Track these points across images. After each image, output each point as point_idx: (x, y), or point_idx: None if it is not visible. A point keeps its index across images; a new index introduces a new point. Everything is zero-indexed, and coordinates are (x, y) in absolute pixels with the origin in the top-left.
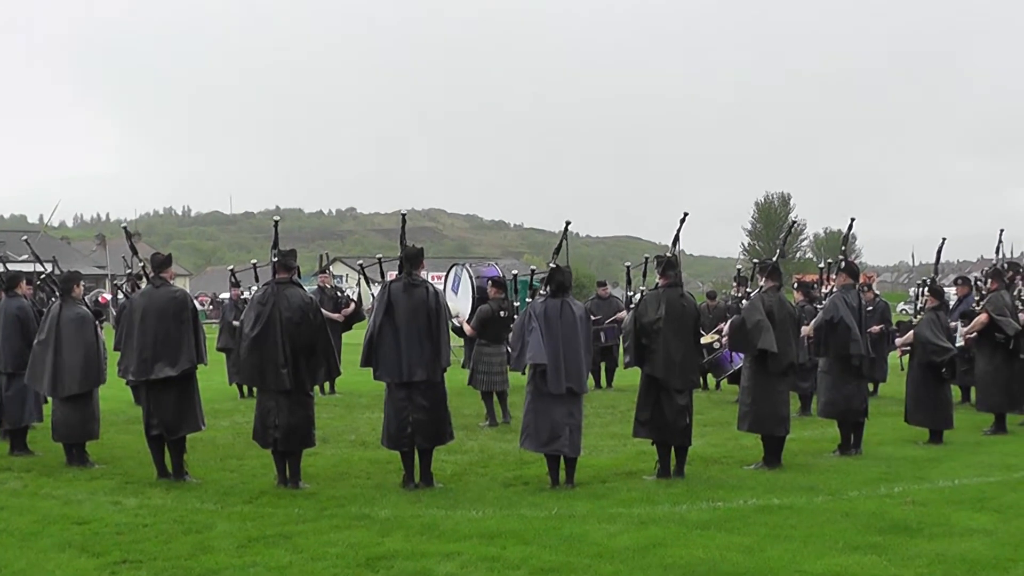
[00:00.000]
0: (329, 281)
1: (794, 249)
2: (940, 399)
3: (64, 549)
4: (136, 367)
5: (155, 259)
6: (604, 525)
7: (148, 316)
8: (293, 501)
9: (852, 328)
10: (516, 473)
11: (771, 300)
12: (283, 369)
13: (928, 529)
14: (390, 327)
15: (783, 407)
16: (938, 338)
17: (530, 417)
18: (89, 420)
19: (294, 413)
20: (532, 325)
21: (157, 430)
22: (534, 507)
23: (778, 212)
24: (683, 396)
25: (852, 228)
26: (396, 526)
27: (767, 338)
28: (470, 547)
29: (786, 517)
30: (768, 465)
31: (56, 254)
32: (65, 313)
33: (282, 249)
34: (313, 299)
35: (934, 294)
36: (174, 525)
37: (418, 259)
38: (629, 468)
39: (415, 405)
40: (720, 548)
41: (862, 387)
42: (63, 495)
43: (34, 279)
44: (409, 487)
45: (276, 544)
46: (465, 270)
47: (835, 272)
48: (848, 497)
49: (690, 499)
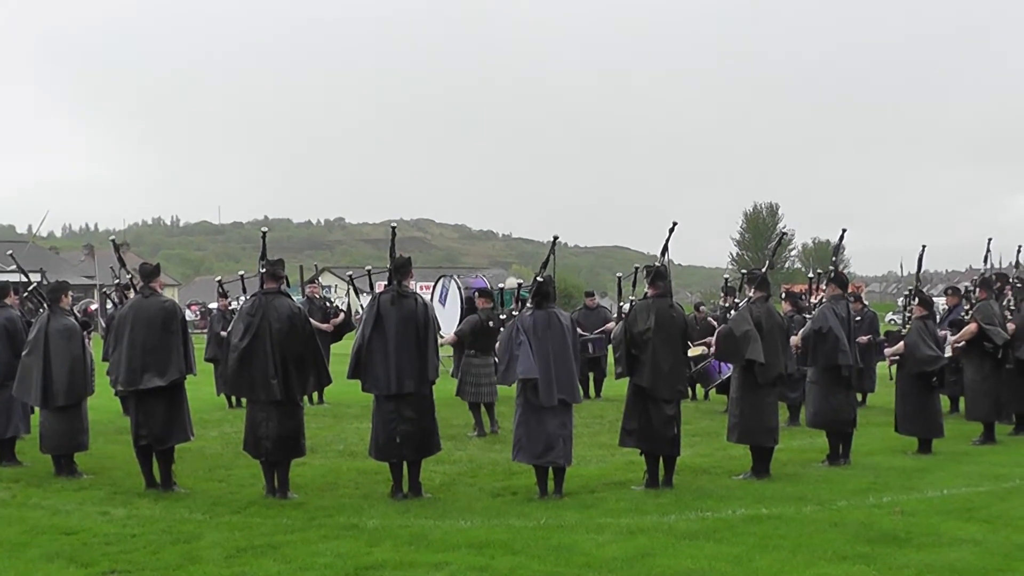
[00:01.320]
0: (318, 291)
1: (783, 259)
2: (929, 408)
3: (53, 559)
4: (125, 377)
5: (144, 269)
6: (593, 535)
7: (137, 326)
8: (282, 511)
9: (841, 338)
10: (505, 483)
11: (759, 310)
12: (273, 380)
13: (917, 539)
14: (379, 339)
15: (772, 418)
16: (928, 347)
17: (522, 430)
18: (78, 431)
19: (284, 423)
20: (520, 339)
21: (146, 440)
22: (523, 517)
23: (766, 222)
24: (671, 406)
25: (843, 239)
26: (385, 536)
27: (755, 348)
28: (459, 557)
29: (775, 527)
30: (757, 475)
31: (44, 264)
32: (53, 324)
33: (270, 259)
34: (302, 309)
35: (922, 303)
36: (162, 535)
37: (406, 269)
38: (618, 478)
39: (403, 417)
40: (709, 558)
41: (851, 397)
42: (51, 505)
43: (22, 290)
44: (398, 497)
45: (264, 554)
46: (453, 281)
47: (824, 282)
48: (837, 507)
49: (679, 509)
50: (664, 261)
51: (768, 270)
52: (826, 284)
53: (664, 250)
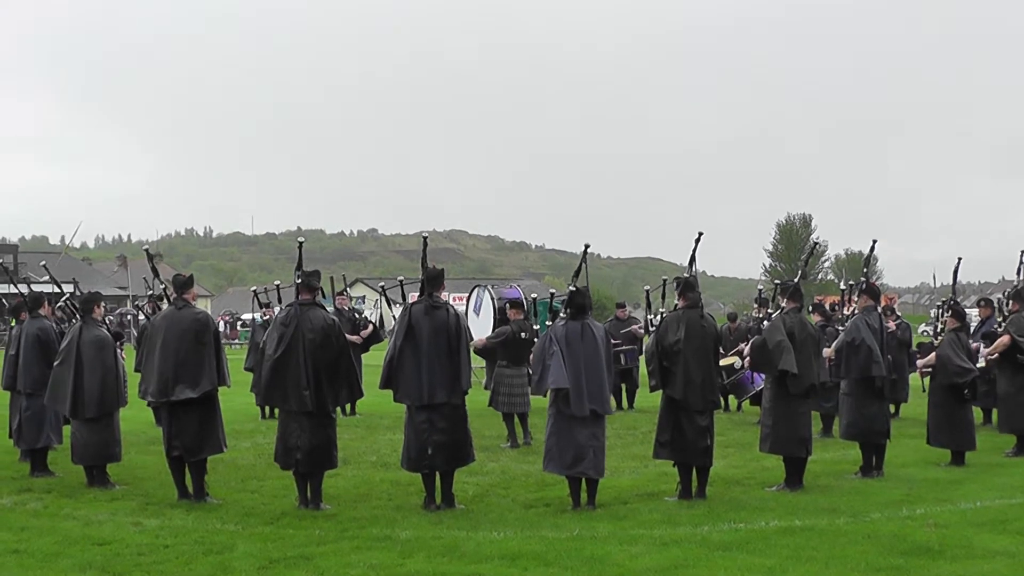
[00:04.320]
0: (347, 303)
1: (816, 270)
2: (962, 420)
3: (85, 570)
4: (156, 388)
5: (177, 280)
6: (626, 547)
7: (169, 337)
8: (314, 522)
9: (874, 350)
10: (538, 495)
11: (792, 321)
12: (305, 391)
13: (950, 551)
14: (411, 349)
15: (804, 428)
16: (960, 359)
17: (553, 440)
18: (110, 443)
19: (316, 434)
20: (553, 349)
21: (178, 451)
22: (556, 528)
23: (799, 233)
24: (704, 417)
25: (874, 250)
26: (417, 547)
27: (788, 359)
28: (492, 568)
29: (808, 539)
30: (790, 487)
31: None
32: (85, 335)
33: (306, 270)
34: (336, 321)
35: (955, 316)
36: (195, 546)
37: (439, 280)
38: (651, 489)
39: (435, 427)
40: (742, 570)
41: (884, 408)
42: (84, 516)
43: (54, 301)
44: (431, 508)
45: (297, 566)
46: (487, 291)
47: (856, 294)
48: (870, 519)
49: (712, 520)
50: (693, 272)
51: (801, 281)
52: (858, 295)
53: (691, 261)
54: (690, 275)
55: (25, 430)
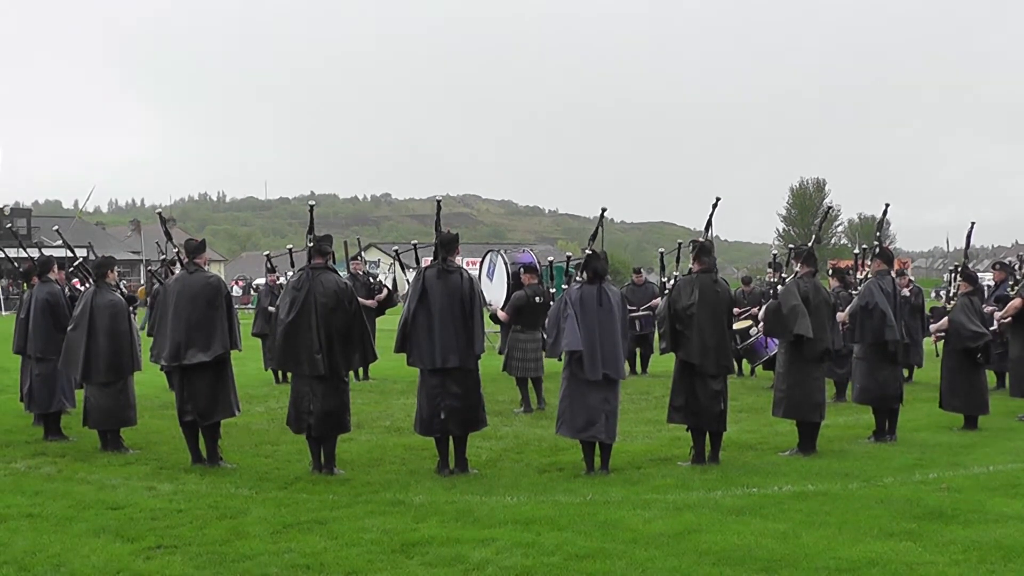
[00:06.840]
0: (362, 267)
1: (829, 235)
2: (975, 385)
3: (99, 534)
4: (169, 352)
5: (189, 245)
6: (639, 511)
7: (182, 301)
8: (328, 487)
9: (887, 314)
10: (551, 459)
11: (807, 286)
12: (317, 355)
13: (963, 515)
14: (424, 313)
15: (818, 393)
16: (973, 323)
17: (566, 403)
18: (124, 407)
19: (328, 399)
20: (568, 312)
21: (191, 416)
22: (569, 493)
23: (813, 198)
24: (717, 381)
25: (887, 214)
26: (431, 512)
27: (803, 323)
28: (505, 533)
29: (821, 503)
30: (803, 451)
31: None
32: (98, 300)
33: (317, 235)
34: (348, 285)
35: (967, 279)
36: (209, 511)
37: (453, 245)
38: (664, 454)
39: (448, 392)
40: (755, 534)
41: (897, 373)
42: (98, 480)
43: (68, 265)
44: (444, 473)
45: (311, 530)
46: (500, 256)
47: (870, 258)
48: (883, 483)
49: (725, 485)
50: (709, 236)
51: (815, 245)
52: (871, 260)
53: (708, 225)
54: (706, 239)
55: (37, 394)
